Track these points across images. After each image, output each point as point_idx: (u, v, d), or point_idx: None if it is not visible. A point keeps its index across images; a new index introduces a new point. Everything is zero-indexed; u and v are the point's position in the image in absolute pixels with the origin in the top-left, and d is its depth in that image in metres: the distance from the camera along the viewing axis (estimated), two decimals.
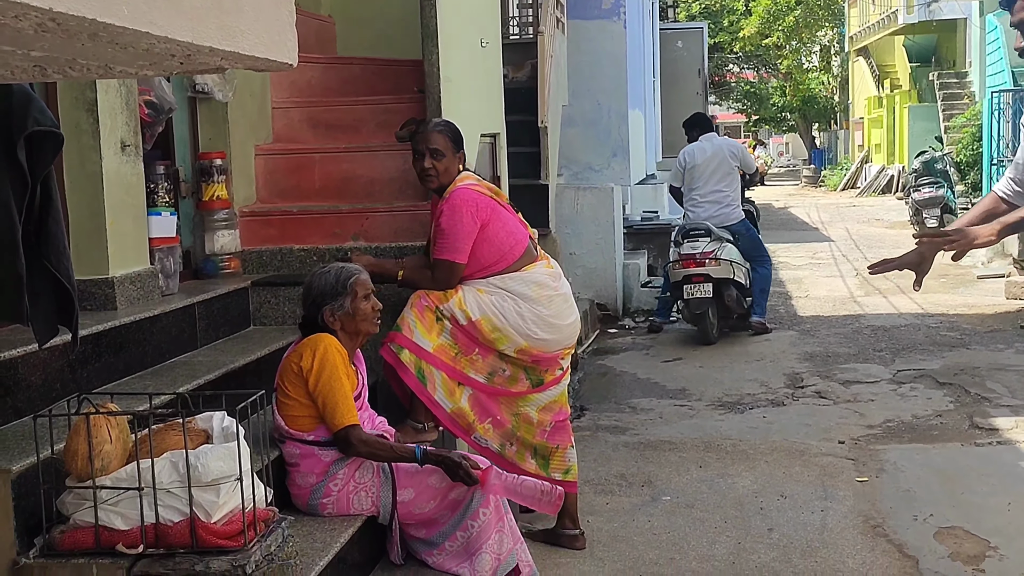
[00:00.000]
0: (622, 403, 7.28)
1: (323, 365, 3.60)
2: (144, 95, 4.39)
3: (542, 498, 3.81)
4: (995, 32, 17.79)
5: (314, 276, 3.84)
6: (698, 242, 9.01)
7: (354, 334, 3.81)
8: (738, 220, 9.39)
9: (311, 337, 3.71)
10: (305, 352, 3.65)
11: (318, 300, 3.76)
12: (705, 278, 8.83)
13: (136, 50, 2.10)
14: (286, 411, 3.67)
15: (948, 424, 6.41)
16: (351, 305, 3.75)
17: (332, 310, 3.74)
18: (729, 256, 8.99)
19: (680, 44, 19.13)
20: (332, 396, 3.59)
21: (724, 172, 9.36)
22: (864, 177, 29.97)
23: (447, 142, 4.38)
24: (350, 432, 3.59)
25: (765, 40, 36.21)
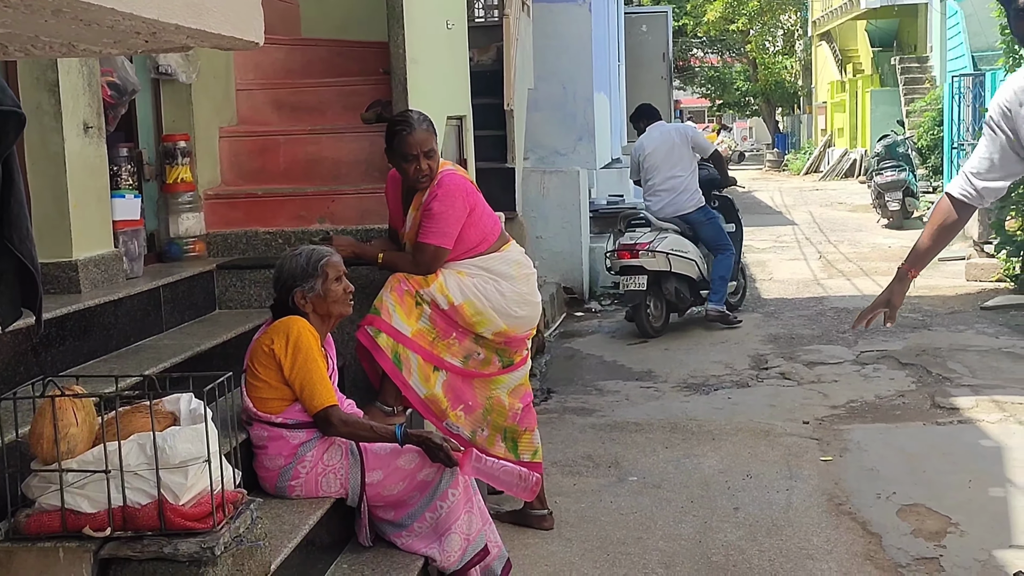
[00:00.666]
0: (589, 385, 7.32)
1: (297, 348, 3.59)
2: (107, 76, 4.34)
3: (519, 483, 3.82)
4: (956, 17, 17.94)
5: (285, 258, 3.82)
6: (636, 232, 8.80)
7: (326, 316, 3.80)
8: (694, 208, 9.01)
9: (282, 320, 3.69)
10: (277, 336, 3.63)
11: (289, 283, 3.74)
12: (640, 270, 8.59)
13: (100, 27, 2.07)
14: (255, 393, 3.65)
15: (910, 404, 6.49)
16: (322, 287, 3.73)
17: (303, 292, 3.72)
18: (668, 248, 8.67)
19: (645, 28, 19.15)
20: (310, 378, 3.58)
21: (676, 158, 8.98)
22: (827, 161, 30.16)
23: (433, 138, 4.33)
24: (330, 412, 3.59)
25: (730, 26, 36.31)
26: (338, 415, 3.60)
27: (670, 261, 8.66)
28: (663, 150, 9.02)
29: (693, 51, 43.28)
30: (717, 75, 42.83)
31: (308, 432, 3.67)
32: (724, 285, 9.09)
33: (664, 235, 8.75)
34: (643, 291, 8.60)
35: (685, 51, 41.13)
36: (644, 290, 8.60)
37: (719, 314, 8.99)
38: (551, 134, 10.89)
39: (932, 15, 24.22)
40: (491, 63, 8.13)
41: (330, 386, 3.63)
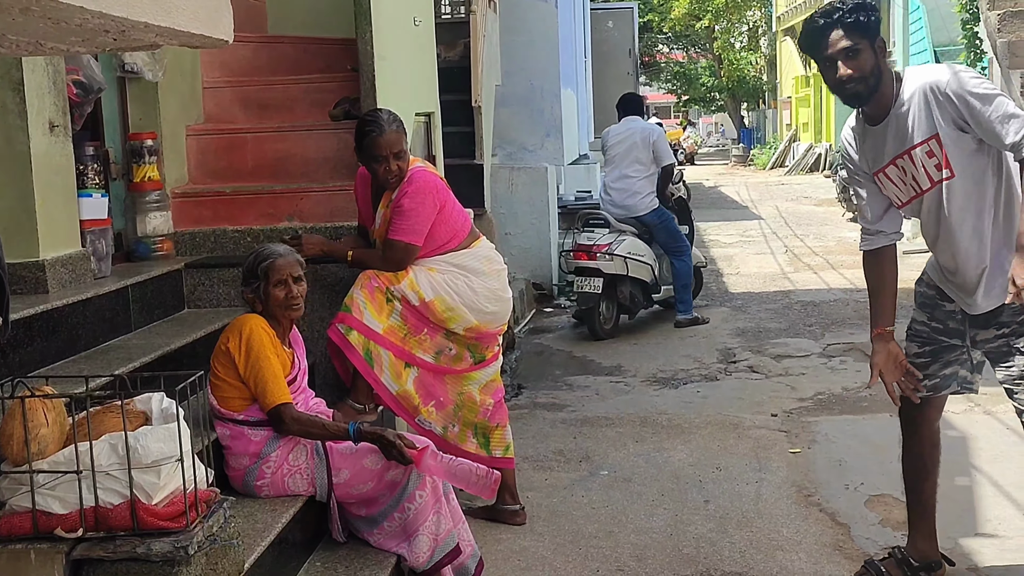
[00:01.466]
0: (559, 381, 7.34)
1: (249, 346, 3.59)
2: (72, 74, 4.30)
3: (478, 481, 3.82)
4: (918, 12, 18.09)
5: (248, 255, 3.85)
6: (595, 233, 8.61)
7: (274, 318, 3.77)
8: (648, 211, 8.83)
9: (238, 319, 3.72)
10: (232, 334, 3.64)
11: (241, 280, 3.80)
12: (596, 272, 8.39)
13: (69, 25, 2.07)
14: (217, 392, 3.66)
15: (877, 396, 6.54)
16: (264, 289, 3.74)
17: (252, 292, 3.75)
18: (626, 251, 8.50)
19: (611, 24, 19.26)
20: (262, 375, 3.58)
21: (633, 159, 8.80)
22: (792, 156, 30.36)
23: (403, 138, 4.33)
24: (282, 410, 3.58)
25: (696, 23, 36.46)
26: (290, 413, 3.60)
27: (627, 265, 8.49)
28: (623, 147, 8.89)
29: (659, 47, 43.43)
30: (683, 71, 43.01)
31: (269, 430, 3.66)
32: (688, 293, 9.00)
33: (623, 237, 8.59)
34: (597, 294, 8.41)
35: (651, 47, 41.27)
36: (599, 293, 8.41)
37: (690, 322, 8.90)
38: (519, 130, 10.91)
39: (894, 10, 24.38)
40: (458, 59, 8.13)
41: (283, 384, 3.62)
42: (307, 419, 3.64)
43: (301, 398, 3.80)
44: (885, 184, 3.66)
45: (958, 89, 3.37)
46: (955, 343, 3.76)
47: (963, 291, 3.65)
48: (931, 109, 3.42)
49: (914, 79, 3.48)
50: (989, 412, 6.03)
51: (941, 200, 3.53)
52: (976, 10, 10.68)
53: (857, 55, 3.43)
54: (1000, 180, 3.51)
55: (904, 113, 3.48)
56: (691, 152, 37.03)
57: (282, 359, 3.70)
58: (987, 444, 5.51)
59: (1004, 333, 3.56)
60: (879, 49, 3.45)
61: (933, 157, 3.47)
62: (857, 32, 3.42)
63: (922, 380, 3.80)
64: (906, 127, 3.48)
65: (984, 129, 3.36)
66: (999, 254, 3.52)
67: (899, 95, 3.49)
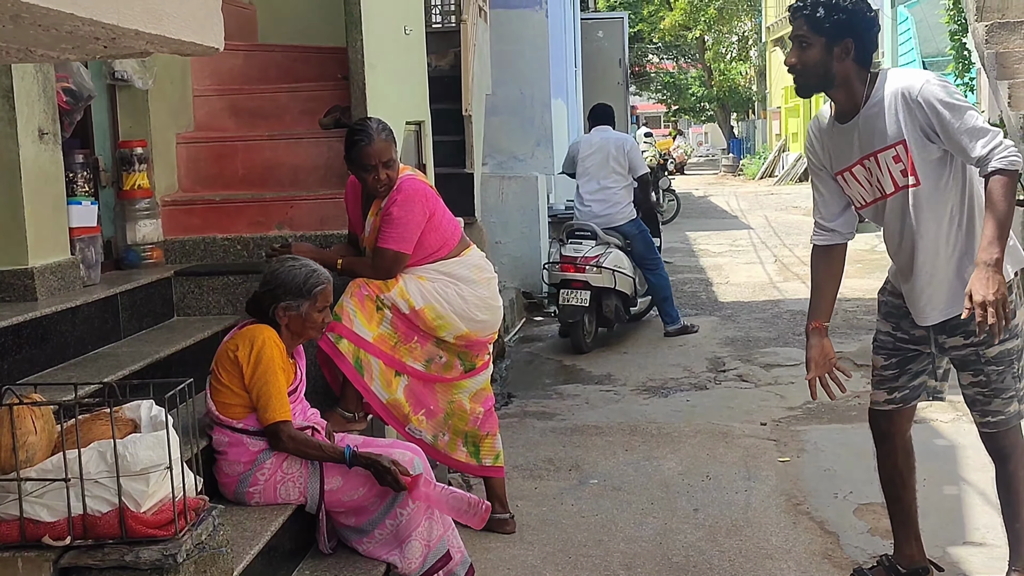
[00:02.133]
0: (549, 389, 7.34)
1: (259, 358, 3.57)
2: (62, 82, 4.30)
3: (468, 510, 3.80)
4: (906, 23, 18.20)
5: (283, 266, 3.77)
6: (582, 245, 8.45)
7: (297, 335, 3.79)
8: (626, 221, 8.76)
9: (250, 328, 3.68)
10: (242, 343, 3.62)
11: (277, 292, 3.71)
12: (583, 285, 8.25)
13: (59, 32, 2.07)
14: (218, 397, 3.64)
15: (865, 405, 6.51)
16: (306, 310, 3.72)
17: (286, 308, 3.70)
18: (613, 264, 8.40)
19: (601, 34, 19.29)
20: (266, 389, 3.57)
21: (610, 169, 8.71)
22: (782, 165, 30.47)
23: (393, 148, 4.33)
24: (280, 428, 3.58)
25: (687, 33, 36.57)
26: (288, 431, 3.59)
27: (615, 278, 8.39)
28: (598, 158, 8.78)
29: (649, 57, 43.53)
30: (673, 81, 43.14)
31: (265, 440, 3.66)
32: (671, 304, 8.95)
33: (609, 249, 8.49)
34: (584, 307, 8.25)
35: (641, 57, 41.35)
36: (586, 306, 8.26)
37: (680, 331, 8.86)
38: (509, 139, 10.92)
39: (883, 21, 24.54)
40: (449, 68, 8.15)
41: (285, 401, 3.61)
42: (303, 439, 3.63)
43: (299, 408, 3.79)
44: (850, 183, 3.67)
45: (929, 97, 3.39)
46: (922, 351, 3.78)
47: (911, 299, 3.67)
48: (901, 114, 3.44)
49: (890, 82, 3.48)
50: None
51: (906, 206, 3.55)
52: (964, 21, 10.75)
53: (806, 48, 3.48)
54: (963, 193, 3.53)
55: (874, 115, 3.49)
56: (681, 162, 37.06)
57: (287, 371, 3.69)
58: (975, 453, 5.50)
59: (974, 342, 3.57)
60: (838, 52, 3.46)
61: (899, 163, 3.49)
62: (814, 28, 3.45)
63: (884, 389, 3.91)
64: (874, 129, 3.50)
65: (951, 141, 3.38)
66: (957, 265, 3.55)
67: (871, 96, 3.50)
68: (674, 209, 19.53)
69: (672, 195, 19.76)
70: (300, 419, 3.74)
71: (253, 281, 4.78)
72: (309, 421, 3.81)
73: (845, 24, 3.44)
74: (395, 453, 3.77)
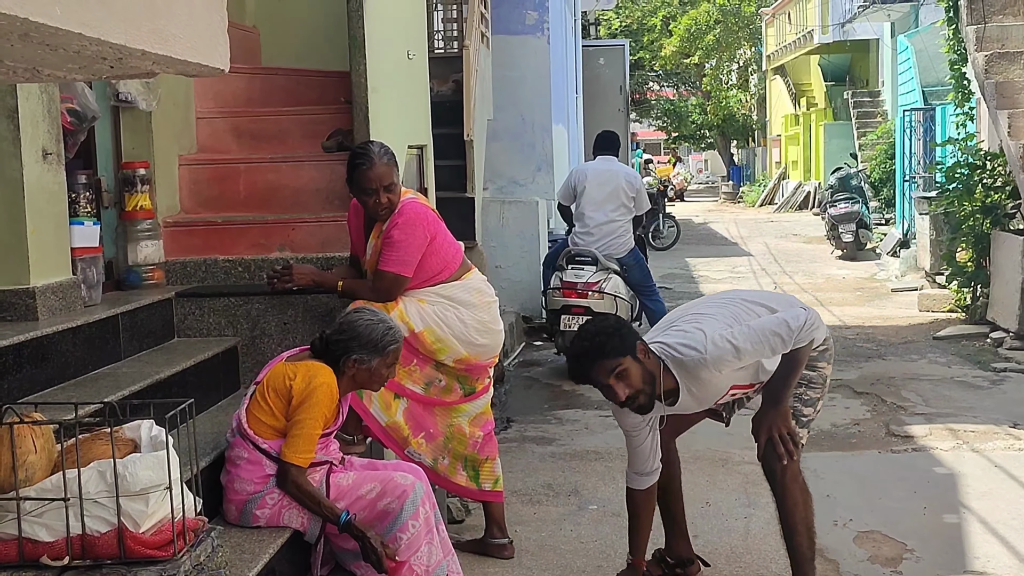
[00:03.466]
0: (548, 414, 7.32)
1: (309, 397, 3.55)
2: (67, 103, 4.32)
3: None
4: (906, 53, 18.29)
5: (363, 319, 3.75)
6: (583, 271, 8.33)
7: (358, 386, 3.80)
8: (627, 251, 8.64)
9: (316, 365, 3.65)
10: (302, 375, 3.59)
11: (351, 344, 3.69)
12: (585, 311, 8.10)
13: (67, 52, 2.08)
14: (255, 412, 3.60)
15: (866, 432, 6.57)
16: (376, 366, 3.72)
17: (357, 362, 3.69)
18: (614, 290, 8.30)
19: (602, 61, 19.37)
20: (301, 430, 3.54)
21: (619, 203, 8.56)
22: (781, 193, 30.54)
23: (394, 170, 4.33)
24: (292, 470, 3.55)
25: (686, 60, 36.74)
26: (297, 477, 3.56)
27: (616, 304, 8.31)
28: (606, 190, 8.58)
29: (649, 84, 43.69)
30: (673, 108, 43.27)
31: None
32: None
33: (610, 276, 8.41)
34: None
35: (641, 84, 41.51)
36: None
37: None
38: (510, 164, 10.95)
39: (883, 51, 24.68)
40: (451, 93, 8.18)
41: (311, 448, 3.58)
42: (308, 491, 3.59)
43: (327, 443, 3.77)
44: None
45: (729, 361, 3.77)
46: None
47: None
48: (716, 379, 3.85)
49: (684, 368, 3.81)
50: (977, 450, 6.05)
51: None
52: (964, 51, 10.79)
53: (626, 375, 3.71)
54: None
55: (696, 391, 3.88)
56: (680, 188, 37.19)
57: (331, 417, 3.69)
58: (975, 482, 5.51)
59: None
60: (641, 351, 3.75)
61: (737, 394, 4.06)
62: (615, 355, 3.70)
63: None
64: (705, 394, 3.93)
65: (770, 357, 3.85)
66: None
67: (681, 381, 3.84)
68: (674, 235, 19.56)
69: (672, 221, 19.80)
70: (322, 454, 3.72)
71: (254, 303, 4.79)
72: (330, 455, 3.77)
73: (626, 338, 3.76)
74: (398, 476, 3.75)
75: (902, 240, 15.26)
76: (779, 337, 3.74)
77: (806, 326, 3.76)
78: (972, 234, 9.95)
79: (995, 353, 8.71)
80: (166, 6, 2.15)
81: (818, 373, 4.06)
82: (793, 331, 3.74)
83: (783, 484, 4.04)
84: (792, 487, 4.04)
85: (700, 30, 34.83)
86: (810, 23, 28.20)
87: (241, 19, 6.52)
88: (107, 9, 1.94)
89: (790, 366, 3.84)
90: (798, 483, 4.06)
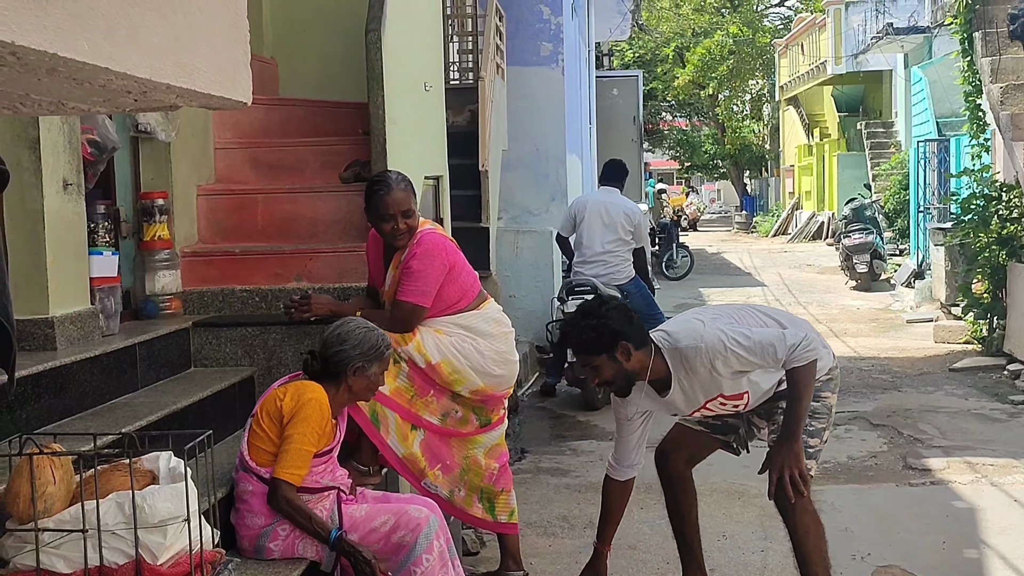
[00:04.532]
0: (562, 445, 7.30)
1: (298, 412, 3.55)
2: (87, 133, 4.35)
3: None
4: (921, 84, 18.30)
5: (357, 327, 3.77)
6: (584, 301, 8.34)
7: (355, 397, 3.81)
8: (627, 279, 8.58)
9: (303, 383, 3.66)
10: (291, 395, 3.60)
11: (352, 354, 3.70)
12: None
13: (92, 86, 2.09)
14: (254, 441, 3.60)
15: (883, 465, 6.52)
16: (374, 372, 3.74)
17: (360, 369, 3.71)
18: None
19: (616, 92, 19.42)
20: (292, 446, 3.53)
21: (615, 236, 8.52)
22: (795, 223, 30.51)
23: (412, 198, 4.35)
24: (282, 485, 3.53)
25: (700, 91, 36.85)
26: (287, 493, 3.53)
27: None
28: (604, 222, 8.53)
29: (662, 114, 43.80)
30: (686, 138, 43.39)
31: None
32: None
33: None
34: None
35: (655, 114, 41.63)
36: None
37: None
38: (524, 194, 10.97)
39: (897, 82, 24.72)
40: (466, 124, 8.22)
41: (303, 465, 3.56)
42: (297, 506, 3.56)
43: (328, 467, 3.75)
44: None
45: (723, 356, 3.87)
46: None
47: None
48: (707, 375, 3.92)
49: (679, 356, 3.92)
50: (996, 484, 6.00)
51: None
52: (979, 83, 10.80)
53: (598, 370, 3.92)
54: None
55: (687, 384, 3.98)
56: (694, 218, 37.20)
57: (326, 435, 3.68)
58: (995, 516, 5.46)
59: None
60: (621, 352, 3.87)
61: (725, 405, 4.08)
62: (588, 353, 3.91)
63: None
64: (694, 391, 4.00)
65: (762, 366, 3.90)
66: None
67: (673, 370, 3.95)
68: (687, 265, 19.55)
69: (685, 251, 19.79)
70: (328, 479, 3.71)
71: (271, 333, 4.80)
72: (336, 482, 3.76)
73: (605, 336, 3.87)
74: (411, 508, 3.74)
75: (917, 271, 15.22)
76: (774, 348, 3.81)
77: (802, 345, 3.81)
78: (988, 266, 9.92)
79: (1012, 386, 8.66)
80: (191, 40, 2.17)
81: (822, 403, 4.09)
82: (788, 347, 3.80)
83: (794, 515, 4.06)
84: (803, 517, 4.06)
85: (713, 61, 34.95)
86: (823, 54, 28.28)
87: (259, 50, 6.57)
88: (134, 44, 1.95)
89: (797, 394, 3.89)
90: (808, 512, 4.07)
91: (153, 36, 2.03)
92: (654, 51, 37.82)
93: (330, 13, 6.68)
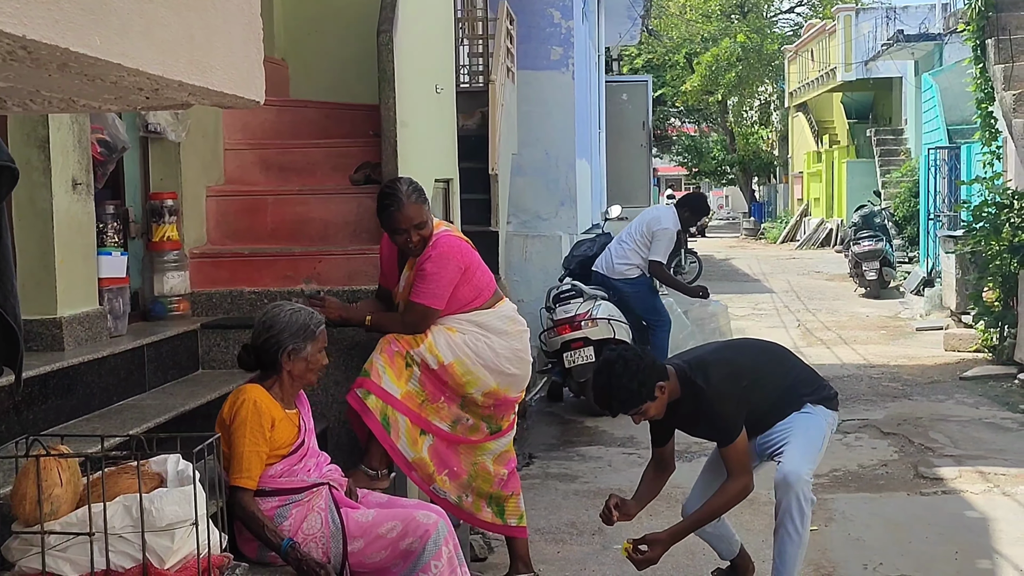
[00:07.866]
0: (570, 451, 7.26)
1: (235, 418, 3.49)
2: (97, 133, 4.32)
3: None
4: (931, 91, 18.23)
5: (280, 311, 3.69)
6: (571, 304, 8.24)
7: (299, 380, 3.71)
8: (622, 278, 8.62)
9: (240, 387, 3.61)
10: (228, 400, 3.56)
11: (281, 337, 3.63)
12: (584, 341, 8.03)
13: (104, 82, 2.06)
14: (226, 459, 3.56)
15: (893, 473, 6.47)
16: (310, 352, 3.66)
17: (292, 352, 3.63)
18: (607, 314, 8.19)
19: (625, 97, 19.38)
20: (237, 448, 3.47)
21: (631, 235, 8.67)
22: (803, 230, 30.43)
23: (423, 209, 4.31)
24: (236, 493, 3.46)
25: (709, 97, 36.79)
26: (242, 499, 3.46)
27: (612, 327, 8.17)
28: (634, 221, 8.90)
29: (671, 120, 43.76)
30: (694, 144, 43.32)
31: (280, 498, 3.57)
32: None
33: (599, 303, 8.29)
34: (592, 362, 7.79)
35: (663, 120, 41.59)
36: (593, 360, 7.80)
37: None
38: (534, 199, 10.94)
39: (907, 89, 24.63)
40: (476, 128, 8.19)
41: (253, 467, 3.48)
42: (251, 513, 3.48)
43: (312, 462, 3.71)
44: None
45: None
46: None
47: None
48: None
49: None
50: (1008, 494, 5.94)
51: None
52: (991, 90, 10.74)
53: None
54: None
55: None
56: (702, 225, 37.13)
57: (287, 422, 3.62)
58: (1008, 526, 5.41)
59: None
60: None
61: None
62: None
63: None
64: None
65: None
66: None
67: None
68: (696, 271, 19.49)
69: (694, 257, 19.74)
70: (315, 475, 3.67)
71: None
72: (325, 478, 3.71)
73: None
74: (419, 515, 3.70)
75: (926, 279, 15.16)
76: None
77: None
78: (999, 274, 9.86)
79: (1023, 395, 8.60)
80: (205, 38, 2.14)
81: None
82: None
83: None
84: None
85: (722, 67, 34.89)
86: (833, 61, 28.21)
87: (271, 52, 6.54)
88: (147, 40, 1.92)
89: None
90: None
91: (167, 32, 2.00)
92: (664, 57, 37.78)
93: (342, 15, 6.65)
